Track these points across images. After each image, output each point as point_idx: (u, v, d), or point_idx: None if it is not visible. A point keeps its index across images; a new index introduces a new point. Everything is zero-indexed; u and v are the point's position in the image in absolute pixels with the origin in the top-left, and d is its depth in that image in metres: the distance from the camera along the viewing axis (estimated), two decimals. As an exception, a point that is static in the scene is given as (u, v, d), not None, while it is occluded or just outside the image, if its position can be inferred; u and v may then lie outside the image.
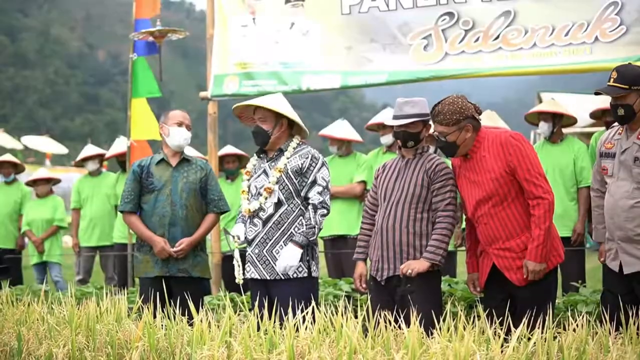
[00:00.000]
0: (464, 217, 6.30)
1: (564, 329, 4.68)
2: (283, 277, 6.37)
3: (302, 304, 5.84)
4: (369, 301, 6.14)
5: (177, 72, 67.84)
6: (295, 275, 6.37)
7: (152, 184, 7.16)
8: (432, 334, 4.50)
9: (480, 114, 5.93)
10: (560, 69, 8.23)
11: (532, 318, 5.10)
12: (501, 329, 4.60)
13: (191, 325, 5.08)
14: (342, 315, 4.56)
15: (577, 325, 4.61)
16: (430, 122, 6.25)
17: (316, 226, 6.39)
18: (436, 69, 8.49)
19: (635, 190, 5.82)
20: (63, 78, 70.82)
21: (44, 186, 11.78)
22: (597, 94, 6.09)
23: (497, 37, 8.28)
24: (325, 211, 6.45)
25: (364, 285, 6.40)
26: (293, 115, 6.52)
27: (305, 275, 6.43)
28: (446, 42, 8.43)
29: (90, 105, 68.97)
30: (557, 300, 6.65)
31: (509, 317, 4.97)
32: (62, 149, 26.28)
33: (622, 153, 5.93)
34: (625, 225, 5.84)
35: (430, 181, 6.12)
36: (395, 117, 6.24)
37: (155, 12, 9.89)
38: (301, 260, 6.39)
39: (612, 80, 5.95)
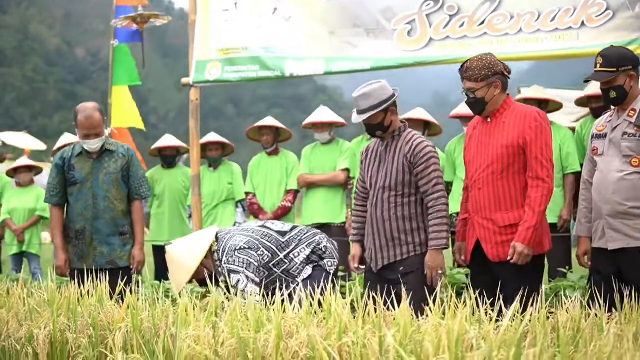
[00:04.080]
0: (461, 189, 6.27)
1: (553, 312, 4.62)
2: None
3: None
4: (356, 284, 6.08)
5: (156, 69, 67.46)
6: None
7: (74, 177, 7.16)
8: (423, 313, 4.42)
9: (509, 73, 5.87)
10: (547, 54, 8.14)
11: (519, 299, 5.02)
12: (492, 310, 4.52)
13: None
14: (330, 294, 4.47)
15: (570, 306, 4.54)
16: (394, 106, 6.18)
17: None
18: (420, 55, 8.38)
19: (624, 164, 5.81)
20: (41, 75, 70.34)
21: (26, 174, 11.62)
22: (586, 81, 6.09)
23: (483, 23, 8.19)
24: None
25: (356, 266, 6.38)
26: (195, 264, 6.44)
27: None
28: (430, 27, 8.32)
29: (68, 103, 68.46)
30: (545, 286, 6.59)
31: (499, 300, 4.89)
32: (40, 145, 26.04)
33: (613, 131, 5.93)
34: (613, 198, 5.82)
35: (411, 165, 6.06)
36: (357, 112, 6.19)
37: (140, 2, 9.76)
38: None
39: (598, 65, 5.96)
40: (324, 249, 6.54)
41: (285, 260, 6.44)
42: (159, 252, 9.53)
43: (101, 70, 73.04)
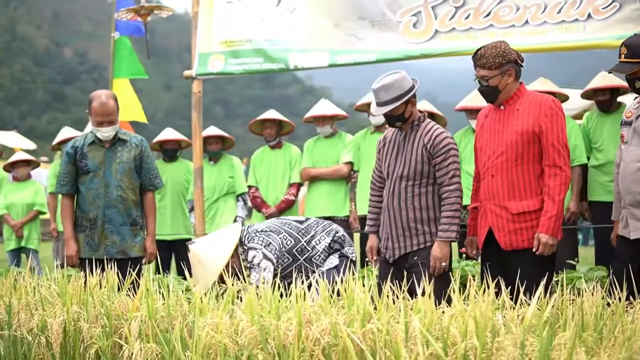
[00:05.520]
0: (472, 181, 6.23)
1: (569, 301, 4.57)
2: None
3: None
4: (376, 271, 6.05)
5: (145, 71, 67.32)
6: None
7: (86, 166, 7.12)
8: (440, 302, 4.37)
9: (522, 61, 5.81)
10: (553, 46, 8.05)
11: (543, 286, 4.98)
12: (511, 298, 4.46)
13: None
14: (350, 282, 4.40)
15: (591, 294, 4.48)
16: (414, 97, 6.12)
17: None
18: (426, 47, 8.31)
19: None
20: (30, 76, 70.10)
21: (24, 169, 11.51)
22: (610, 72, 6.07)
23: (489, 14, 8.13)
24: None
25: (374, 258, 6.39)
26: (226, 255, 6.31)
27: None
28: (436, 19, 8.26)
29: (56, 104, 68.30)
30: (554, 278, 6.54)
31: (516, 288, 4.84)
32: (30, 144, 25.95)
33: (637, 119, 5.90)
34: (632, 188, 5.82)
35: (430, 156, 6.02)
36: (377, 104, 6.15)
37: None
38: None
39: (622, 56, 5.93)
40: (342, 237, 6.51)
41: (308, 247, 6.39)
42: (161, 245, 9.44)
43: (89, 72, 72.67)
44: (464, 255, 7.75)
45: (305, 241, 6.39)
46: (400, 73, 6.10)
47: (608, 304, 4.49)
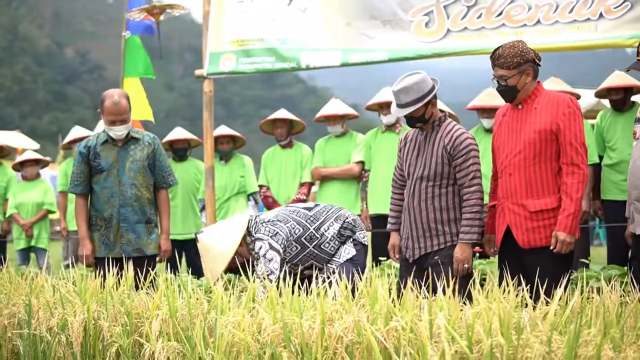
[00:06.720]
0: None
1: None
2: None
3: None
4: (399, 271, 6.06)
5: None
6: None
7: (100, 165, 7.13)
8: (463, 295, 4.38)
9: (540, 60, 5.81)
10: (565, 46, 8.05)
11: (552, 285, 4.98)
12: (530, 296, 4.46)
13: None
14: (373, 279, 4.41)
15: (610, 292, 4.48)
16: (434, 98, 6.12)
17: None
18: (438, 47, 8.30)
19: None
20: (31, 76, 70.21)
21: (33, 168, 11.49)
22: (627, 70, 6.09)
23: (500, 14, 8.12)
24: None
25: (397, 256, 6.39)
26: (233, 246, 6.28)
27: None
28: (448, 18, 8.26)
29: (58, 104, 68.37)
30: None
31: (535, 286, 4.86)
32: (33, 144, 25.93)
33: None
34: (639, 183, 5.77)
35: (450, 157, 6.00)
36: (398, 106, 6.13)
37: None
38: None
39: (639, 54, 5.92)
40: (353, 222, 6.49)
41: (317, 235, 6.34)
42: (172, 244, 9.43)
43: (91, 71, 72.66)
44: (477, 254, 7.76)
45: (314, 228, 6.36)
46: (421, 74, 6.07)
47: (626, 302, 4.49)
